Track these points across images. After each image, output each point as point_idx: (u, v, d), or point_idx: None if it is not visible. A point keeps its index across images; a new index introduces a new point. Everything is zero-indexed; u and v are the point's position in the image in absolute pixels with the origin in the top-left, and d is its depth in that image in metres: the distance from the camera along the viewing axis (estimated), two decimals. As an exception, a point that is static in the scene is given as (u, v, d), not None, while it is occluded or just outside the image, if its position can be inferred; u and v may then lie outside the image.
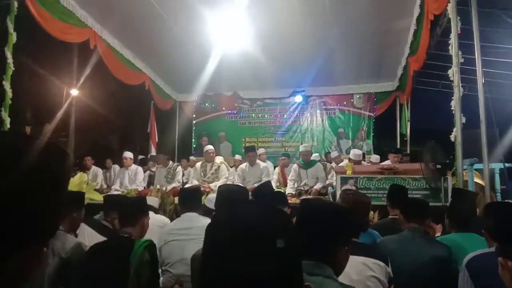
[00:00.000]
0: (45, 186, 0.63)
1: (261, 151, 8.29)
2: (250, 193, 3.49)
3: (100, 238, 3.00)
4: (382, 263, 2.07)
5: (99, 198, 5.57)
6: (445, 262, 2.44)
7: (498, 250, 1.50)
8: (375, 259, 2.08)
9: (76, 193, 3.22)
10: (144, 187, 7.23)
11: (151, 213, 3.05)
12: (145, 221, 2.70)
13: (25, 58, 6.79)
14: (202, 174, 6.78)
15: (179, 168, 7.27)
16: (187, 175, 7.70)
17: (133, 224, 2.61)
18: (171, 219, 4.50)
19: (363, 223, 2.27)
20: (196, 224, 3.12)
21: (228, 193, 2.80)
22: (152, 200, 4.29)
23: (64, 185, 0.68)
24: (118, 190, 6.82)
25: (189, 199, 3.43)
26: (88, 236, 3.01)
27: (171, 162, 7.33)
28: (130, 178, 7.38)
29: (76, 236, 2.91)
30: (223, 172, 6.78)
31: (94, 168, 7.96)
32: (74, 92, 11.70)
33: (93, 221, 3.33)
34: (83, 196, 3.20)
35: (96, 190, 6.60)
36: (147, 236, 2.70)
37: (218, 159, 7.13)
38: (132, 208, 2.71)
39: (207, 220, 3.22)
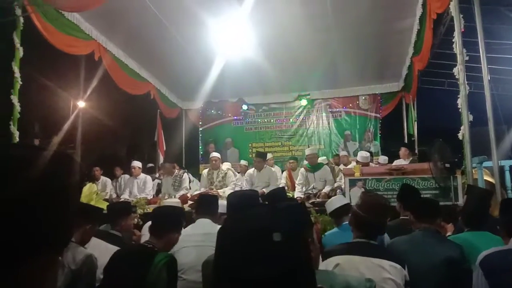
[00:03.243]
0: (55, 195, 0.64)
1: (268, 156, 8.28)
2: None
3: (110, 248, 2.99)
4: (398, 266, 2.06)
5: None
6: (458, 262, 2.41)
7: None
8: (391, 261, 2.06)
9: (93, 208, 3.21)
10: (153, 196, 7.25)
11: None
12: (173, 237, 2.65)
13: (32, 72, 6.86)
14: (209, 182, 6.77)
15: (185, 175, 7.26)
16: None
17: (160, 236, 2.57)
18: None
19: (380, 225, 2.24)
20: (210, 230, 3.07)
21: (240, 198, 2.80)
22: (173, 203, 4.27)
23: (74, 193, 0.69)
24: (128, 199, 6.84)
25: (206, 205, 3.39)
26: (96, 247, 2.99)
27: (176, 170, 7.31)
28: (139, 187, 7.41)
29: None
30: (230, 178, 6.76)
31: (103, 178, 8.01)
32: (81, 104, 11.80)
33: (100, 232, 3.32)
34: (101, 213, 3.19)
35: (105, 200, 6.62)
36: None
37: (225, 166, 7.13)
38: (164, 220, 2.66)
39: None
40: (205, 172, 7.01)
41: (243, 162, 8.95)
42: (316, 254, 1.69)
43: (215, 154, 7.07)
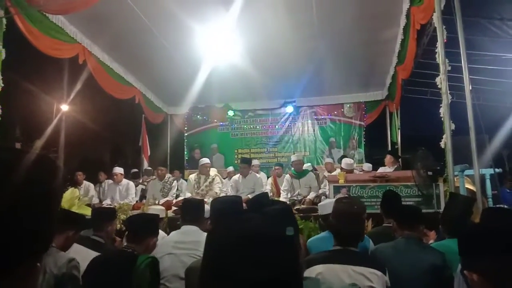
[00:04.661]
0: (37, 199, 0.63)
1: (254, 162, 8.29)
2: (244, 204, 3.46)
3: (92, 254, 2.93)
4: (379, 273, 2.06)
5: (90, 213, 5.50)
6: (440, 269, 2.44)
7: (462, 263, 1.47)
8: (371, 268, 2.07)
9: (77, 215, 3.16)
10: (137, 201, 7.17)
11: None
12: (151, 242, 2.67)
13: (15, 75, 6.75)
14: (195, 186, 6.74)
15: (175, 183, 7.25)
16: (178, 187, 7.63)
17: (138, 242, 2.59)
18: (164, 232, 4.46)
19: (354, 233, 2.22)
20: (194, 238, 2.99)
21: (223, 204, 2.77)
22: (156, 211, 4.21)
23: (56, 198, 0.68)
24: (110, 205, 6.76)
25: (192, 211, 3.25)
26: (78, 253, 2.93)
27: (167, 176, 7.28)
28: (122, 193, 7.33)
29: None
30: (217, 184, 6.74)
31: (85, 183, 7.89)
32: (64, 107, 11.65)
33: (81, 237, 3.25)
34: (83, 220, 3.16)
35: (87, 205, 6.52)
36: None
37: (212, 172, 7.11)
38: (139, 227, 2.68)
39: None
40: (192, 177, 6.99)
41: (230, 168, 9.02)
42: (302, 259, 1.69)
43: (206, 160, 7.06)
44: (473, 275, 1.32)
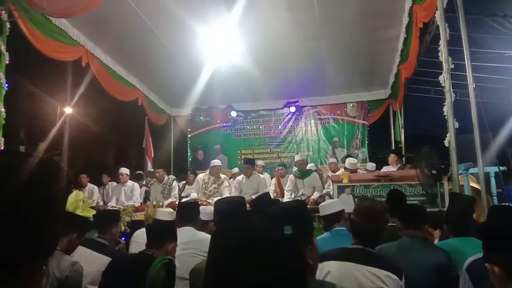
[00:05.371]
0: (41, 202, 0.63)
1: (258, 163, 8.29)
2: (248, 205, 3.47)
3: (96, 256, 2.95)
4: (394, 276, 2.04)
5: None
6: (445, 268, 2.43)
7: (485, 256, 1.56)
8: (388, 271, 2.05)
9: (81, 218, 3.19)
10: (141, 203, 7.18)
11: None
12: (170, 246, 2.72)
13: (19, 78, 6.77)
14: (203, 186, 6.73)
15: (175, 183, 7.23)
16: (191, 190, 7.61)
17: (158, 247, 2.65)
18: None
19: (373, 232, 2.21)
20: (193, 238, 3.10)
21: (227, 205, 2.79)
22: (166, 214, 4.18)
23: (60, 200, 0.68)
24: (115, 207, 6.76)
25: (187, 213, 3.41)
26: (82, 256, 2.94)
27: (166, 177, 7.27)
28: (127, 194, 7.34)
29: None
30: (227, 188, 6.72)
31: (89, 185, 7.91)
32: (68, 110, 11.69)
33: (85, 240, 3.26)
34: (88, 223, 3.17)
35: (92, 207, 6.53)
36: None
37: (222, 174, 7.11)
38: (158, 233, 2.74)
39: (203, 235, 3.20)
40: (200, 176, 6.98)
41: (235, 169, 9.03)
42: (316, 260, 1.61)
43: (218, 162, 7.05)
44: (494, 267, 1.41)
